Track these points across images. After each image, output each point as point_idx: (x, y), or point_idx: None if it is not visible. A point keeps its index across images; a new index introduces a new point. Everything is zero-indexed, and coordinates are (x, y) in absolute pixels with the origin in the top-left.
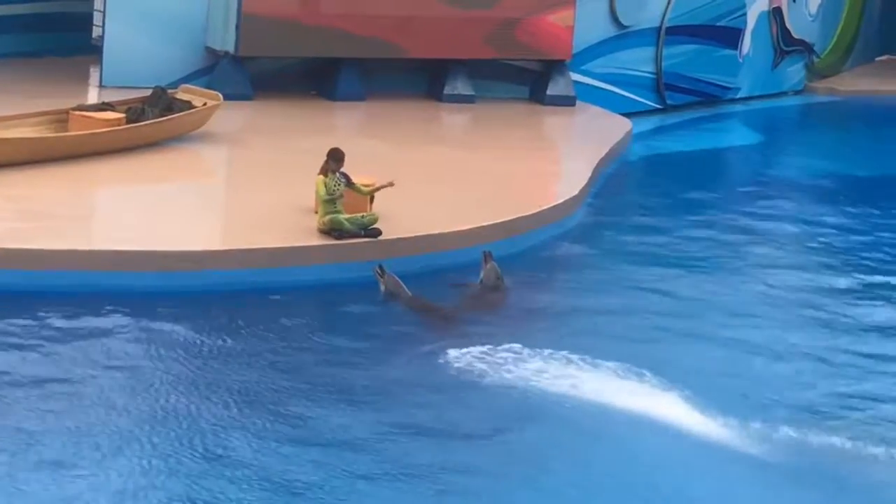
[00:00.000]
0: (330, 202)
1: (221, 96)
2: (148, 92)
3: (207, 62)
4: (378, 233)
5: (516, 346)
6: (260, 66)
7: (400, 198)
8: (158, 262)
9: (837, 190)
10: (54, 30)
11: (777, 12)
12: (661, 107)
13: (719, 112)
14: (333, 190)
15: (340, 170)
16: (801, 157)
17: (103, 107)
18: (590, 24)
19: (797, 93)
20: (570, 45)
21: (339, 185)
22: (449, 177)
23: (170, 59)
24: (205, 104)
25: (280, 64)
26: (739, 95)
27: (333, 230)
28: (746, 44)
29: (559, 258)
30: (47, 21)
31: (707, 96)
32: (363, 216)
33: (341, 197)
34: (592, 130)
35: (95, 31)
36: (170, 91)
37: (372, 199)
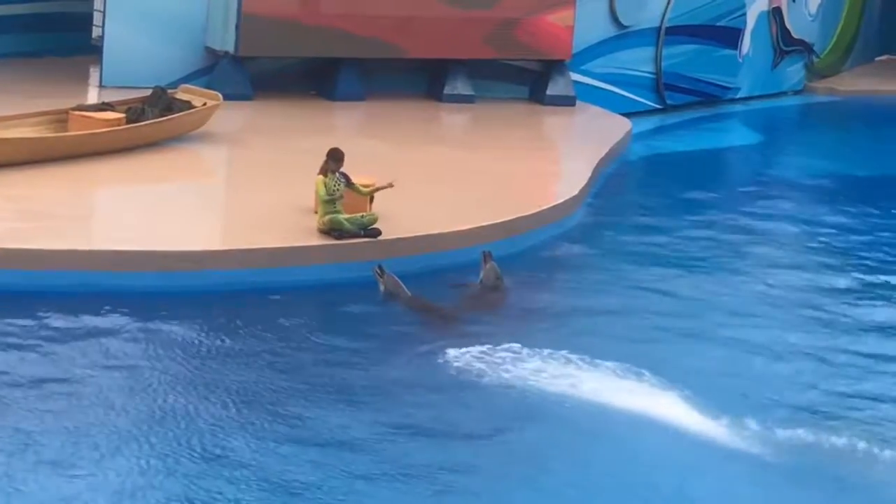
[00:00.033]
0: (330, 202)
1: (221, 96)
2: (148, 92)
3: (207, 62)
4: (378, 233)
5: (516, 346)
6: (260, 66)
7: (400, 198)
8: (158, 262)
9: (837, 190)
10: (54, 30)
11: (777, 12)
12: (660, 107)
13: (719, 112)
14: (333, 190)
15: (340, 170)
16: (801, 157)
17: (103, 107)
18: (590, 24)
19: (797, 93)
20: (570, 45)
21: (338, 185)
22: (449, 177)
23: (170, 59)
24: (205, 104)
25: (280, 64)
26: (739, 95)
27: (333, 230)
28: (746, 44)
29: (559, 258)
30: (47, 21)
31: (707, 96)
32: (363, 216)
33: (341, 197)
34: (592, 130)
35: (95, 31)
36: (170, 91)
37: (372, 200)
